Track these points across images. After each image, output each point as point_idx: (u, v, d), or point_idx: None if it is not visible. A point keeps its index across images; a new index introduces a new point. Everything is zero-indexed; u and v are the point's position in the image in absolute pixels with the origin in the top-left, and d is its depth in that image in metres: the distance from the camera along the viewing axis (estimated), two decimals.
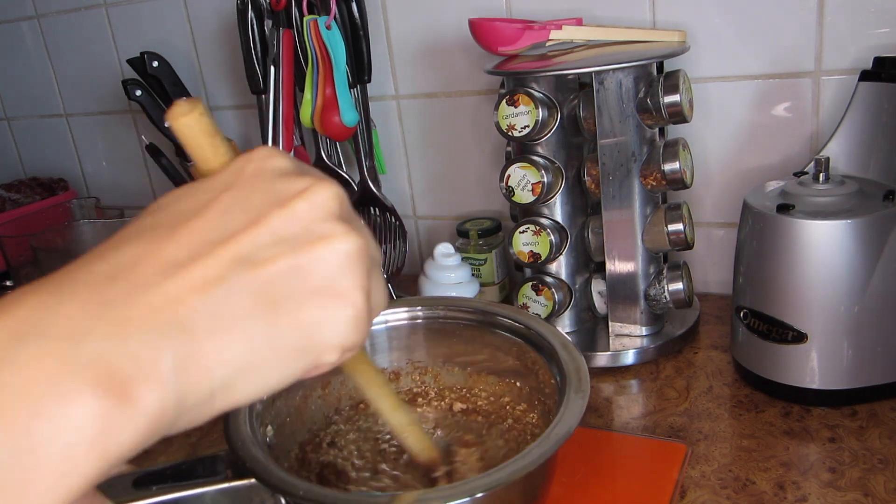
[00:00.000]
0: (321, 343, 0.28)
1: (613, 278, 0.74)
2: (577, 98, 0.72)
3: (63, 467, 0.22)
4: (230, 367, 0.26)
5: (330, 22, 0.83)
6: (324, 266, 0.28)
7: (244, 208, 0.28)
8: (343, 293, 0.28)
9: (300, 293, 0.28)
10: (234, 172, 0.30)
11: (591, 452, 0.61)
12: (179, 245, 0.27)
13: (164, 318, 0.25)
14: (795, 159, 0.80)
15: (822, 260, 0.59)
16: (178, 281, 0.26)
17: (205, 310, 0.26)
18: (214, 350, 0.26)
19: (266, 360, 0.27)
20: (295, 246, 0.28)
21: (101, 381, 0.23)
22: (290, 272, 0.27)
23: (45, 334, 0.23)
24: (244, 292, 0.27)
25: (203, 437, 0.70)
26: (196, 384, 0.25)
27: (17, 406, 0.22)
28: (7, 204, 1.15)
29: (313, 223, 0.28)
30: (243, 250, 0.27)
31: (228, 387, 0.26)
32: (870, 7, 0.72)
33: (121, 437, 0.23)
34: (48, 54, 1.22)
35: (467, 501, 0.41)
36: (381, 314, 0.63)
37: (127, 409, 0.23)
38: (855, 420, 0.61)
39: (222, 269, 0.26)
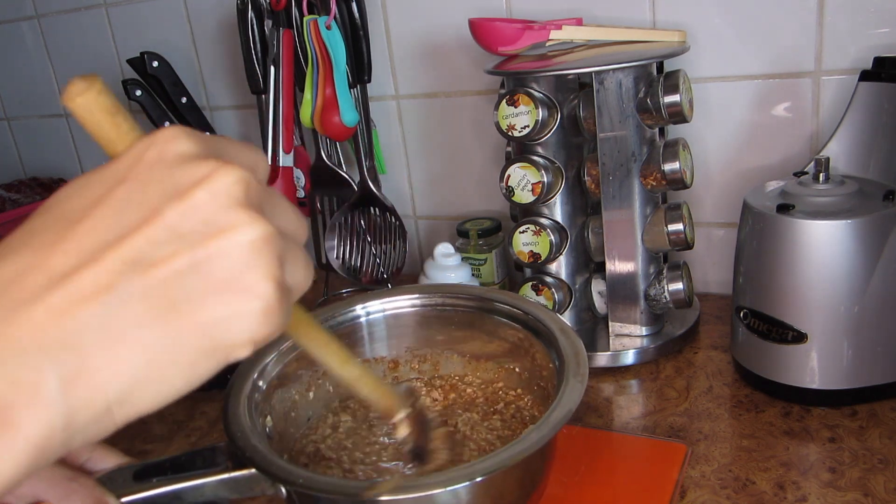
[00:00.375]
0: (228, 341, 0.27)
1: (613, 278, 0.74)
2: (577, 98, 0.72)
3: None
4: (125, 380, 0.25)
5: (330, 22, 0.83)
6: (226, 260, 0.26)
7: (139, 203, 0.26)
8: (249, 286, 0.26)
9: (199, 293, 0.26)
10: (132, 160, 0.27)
11: (591, 452, 0.61)
12: (66, 252, 0.25)
13: (47, 336, 0.24)
14: (795, 159, 0.80)
15: (822, 260, 0.59)
16: (64, 292, 0.24)
17: (93, 322, 0.24)
18: (105, 364, 0.24)
19: (166, 367, 0.26)
20: (193, 242, 0.26)
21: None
22: (188, 271, 0.26)
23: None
24: (136, 299, 0.25)
25: (203, 437, 0.70)
26: (88, 402, 0.24)
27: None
28: (7, 204, 1.15)
29: (214, 214, 0.26)
30: (135, 252, 0.25)
31: (126, 399, 0.25)
32: (870, 7, 0.72)
33: (4, 466, 0.22)
34: (48, 54, 1.22)
35: (467, 486, 0.41)
36: (380, 302, 0.64)
37: (7, 438, 0.22)
38: (855, 420, 0.61)
39: (112, 275, 0.25)
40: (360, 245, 0.94)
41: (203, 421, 0.73)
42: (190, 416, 0.74)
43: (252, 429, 0.49)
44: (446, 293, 0.64)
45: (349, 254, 0.94)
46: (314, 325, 0.45)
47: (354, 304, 0.64)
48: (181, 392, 0.27)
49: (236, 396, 0.52)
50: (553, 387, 0.52)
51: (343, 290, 1.00)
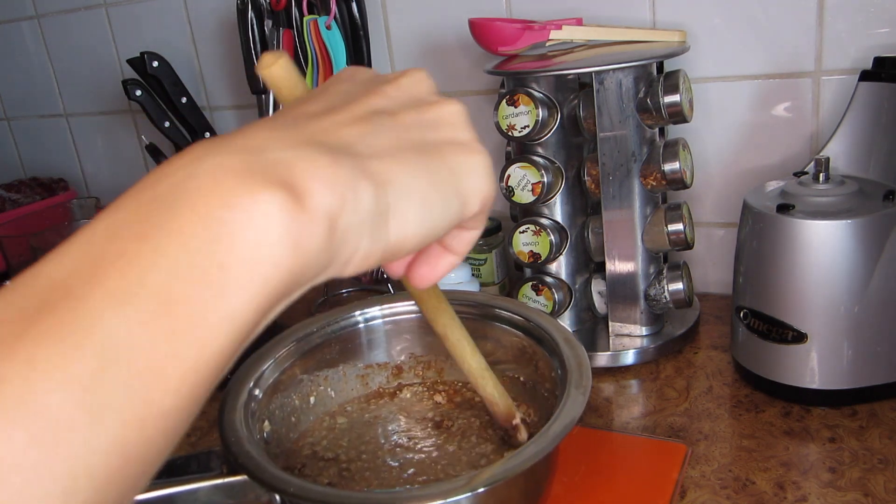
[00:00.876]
0: (467, 186, 0.30)
1: (613, 278, 0.74)
2: (577, 98, 0.72)
3: (258, 254, 0.23)
4: (398, 188, 0.27)
5: (330, 22, 0.83)
6: (446, 123, 0.31)
7: (357, 89, 0.30)
8: (470, 144, 0.31)
9: (436, 141, 0.29)
10: (333, 78, 0.32)
11: (591, 452, 0.61)
12: (318, 104, 0.29)
13: (329, 141, 0.26)
14: (795, 159, 0.80)
15: (822, 260, 0.59)
16: (330, 119, 0.27)
17: (361, 140, 0.27)
18: (381, 168, 0.26)
19: (427, 190, 0.28)
20: (416, 106, 0.30)
21: (284, 181, 0.23)
22: (421, 125, 0.30)
23: (222, 151, 0.24)
24: (389, 132, 0.28)
25: (203, 437, 0.70)
26: (370, 193, 0.26)
27: (210, 202, 0.22)
28: (7, 204, 1.15)
29: (420, 93, 0.32)
30: (374, 107, 0.29)
31: (399, 209, 0.27)
32: (870, 7, 0.72)
33: (305, 231, 0.24)
34: (48, 54, 1.22)
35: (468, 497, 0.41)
36: (381, 308, 0.64)
37: (308, 205, 0.24)
38: (855, 420, 0.61)
39: (363, 113, 0.28)
40: None
41: (203, 420, 0.73)
42: None
43: (248, 435, 0.48)
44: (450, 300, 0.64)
45: None
46: (451, 311, 0.48)
47: (353, 310, 0.63)
48: (437, 227, 0.29)
49: (233, 402, 0.52)
50: (555, 397, 0.52)
51: (343, 289, 1.00)
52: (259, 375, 0.56)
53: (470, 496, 0.41)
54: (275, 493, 0.44)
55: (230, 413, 0.51)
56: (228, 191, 0.23)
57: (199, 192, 0.23)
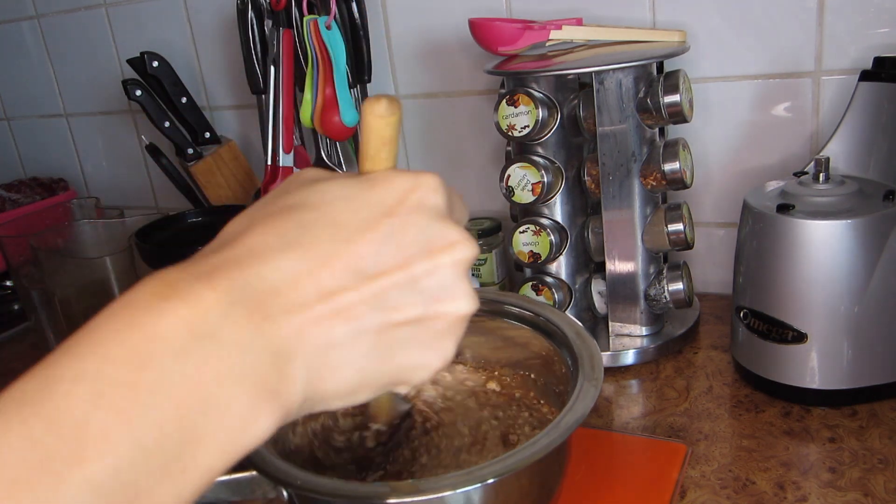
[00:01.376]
0: (408, 380, 0.32)
1: (613, 278, 0.74)
2: (577, 98, 0.72)
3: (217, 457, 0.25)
4: (338, 390, 0.29)
5: (330, 22, 0.83)
6: (441, 325, 0.31)
7: (398, 244, 0.30)
8: (444, 348, 0.31)
9: (412, 343, 0.30)
10: (398, 197, 0.31)
11: (591, 452, 0.61)
12: (334, 273, 0.29)
13: (308, 340, 0.28)
14: (795, 159, 0.80)
15: (822, 260, 0.59)
16: (326, 308, 0.28)
17: (338, 341, 0.28)
18: (331, 378, 0.29)
19: (363, 388, 0.30)
20: (427, 300, 0.30)
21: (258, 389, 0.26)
22: (413, 324, 0.30)
23: (217, 338, 0.26)
24: (370, 334, 0.29)
25: None
26: (311, 400, 0.29)
27: (191, 400, 0.25)
28: (7, 204, 1.15)
29: (449, 280, 0.30)
30: (385, 291, 0.29)
31: (329, 401, 0.30)
32: (870, 7, 0.72)
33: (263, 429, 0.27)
34: (48, 54, 1.22)
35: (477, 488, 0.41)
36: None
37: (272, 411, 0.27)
38: (855, 420, 0.61)
39: (363, 308, 0.29)
40: None
41: None
42: None
43: None
44: None
45: None
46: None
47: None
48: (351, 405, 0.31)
49: None
50: (567, 390, 0.51)
51: None
52: None
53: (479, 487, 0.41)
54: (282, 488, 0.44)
55: None
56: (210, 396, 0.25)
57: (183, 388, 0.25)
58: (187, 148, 0.99)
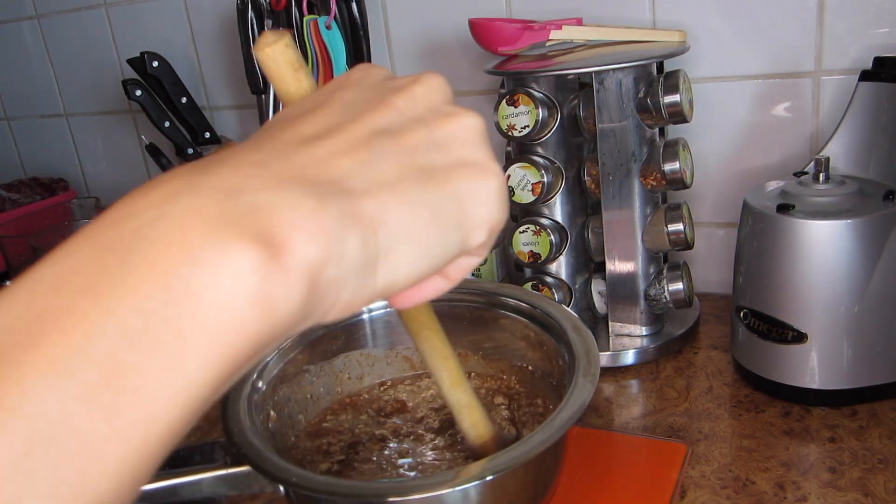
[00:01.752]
0: (473, 216, 0.27)
1: (613, 278, 0.74)
2: (577, 98, 0.72)
3: (222, 319, 0.20)
4: (392, 230, 0.24)
5: (330, 22, 0.83)
6: (458, 141, 0.28)
7: (363, 98, 0.28)
8: (483, 165, 0.28)
9: (444, 164, 0.27)
10: (340, 80, 0.29)
11: (591, 452, 0.61)
12: (315, 124, 0.26)
13: (319, 176, 0.24)
14: (795, 159, 0.80)
15: (822, 260, 0.59)
16: (324, 147, 0.25)
17: (357, 172, 0.25)
18: (375, 208, 0.24)
19: (426, 227, 0.26)
20: (426, 122, 0.28)
21: (261, 232, 0.21)
22: (430, 145, 0.27)
23: (198, 191, 0.22)
24: (391, 159, 0.26)
25: (203, 437, 0.70)
26: (361, 242, 0.23)
27: (173, 255, 0.20)
28: (7, 204, 1.15)
29: (434, 104, 0.29)
30: (378, 124, 0.27)
31: (391, 254, 0.25)
32: (870, 7, 0.72)
33: (280, 291, 0.21)
34: (48, 54, 1.22)
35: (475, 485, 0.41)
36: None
37: (286, 261, 0.21)
38: (855, 420, 0.61)
39: (364, 136, 0.26)
40: None
41: (203, 420, 0.73)
42: None
43: (251, 426, 0.49)
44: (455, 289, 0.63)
45: None
46: (440, 335, 0.44)
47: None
48: (432, 266, 0.27)
49: (236, 393, 0.52)
50: (563, 385, 0.52)
51: None
52: (263, 367, 0.56)
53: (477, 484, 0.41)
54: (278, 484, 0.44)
55: (233, 404, 0.51)
56: (196, 243, 0.20)
57: (162, 243, 0.20)
58: (187, 148, 1.00)
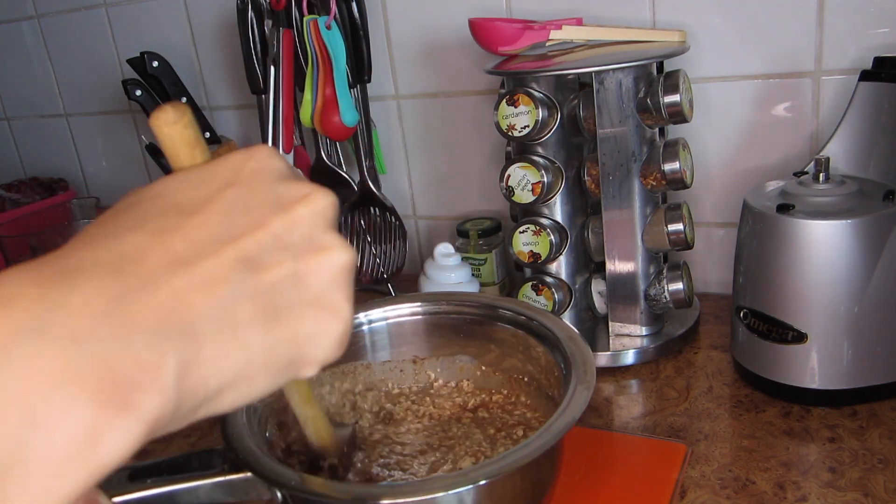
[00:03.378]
0: (308, 356, 0.28)
1: (613, 278, 0.74)
2: (577, 98, 0.72)
3: (51, 484, 0.21)
4: (225, 376, 0.25)
5: (330, 22, 0.83)
6: (321, 277, 0.28)
7: (247, 207, 0.27)
8: (337, 307, 0.28)
9: (298, 303, 0.27)
10: (234, 168, 0.29)
11: (591, 452, 0.61)
12: (185, 240, 0.26)
13: (170, 319, 0.24)
14: (795, 159, 0.80)
15: (822, 260, 0.59)
16: (185, 278, 0.25)
17: (209, 313, 0.25)
18: (213, 357, 0.25)
19: (257, 371, 0.26)
20: (296, 254, 0.27)
21: (103, 388, 0.21)
22: (291, 280, 0.27)
23: (45, 332, 0.21)
24: (246, 296, 0.26)
25: (202, 437, 0.70)
26: (193, 392, 0.24)
27: (10, 412, 0.20)
28: (7, 204, 1.15)
29: (313, 231, 0.28)
30: (247, 252, 0.26)
31: (218, 396, 0.25)
32: (870, 7, 0.72)
33: (115, 446, 0.22)
34: (48, 54, 1.22)
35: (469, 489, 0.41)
36: (384, 310, 0.64)
37: (126, 417, 0.22)
38: (855, 420, 0.61)
39: (227, 269, 0.26)
40: (360, 245, 0.94)
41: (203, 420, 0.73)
42: None
43: (249, 432, 0.48)
44: (451, 301, 0.63)
45: None
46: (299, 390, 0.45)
47: (357, 313, 0.63)
48: (253, 399, 0.27)
49: None
50: (559, 393, 0.52)
51: None
52: None
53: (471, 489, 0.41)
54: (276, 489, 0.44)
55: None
56: (35, 402, 0.20)
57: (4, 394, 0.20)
58: None
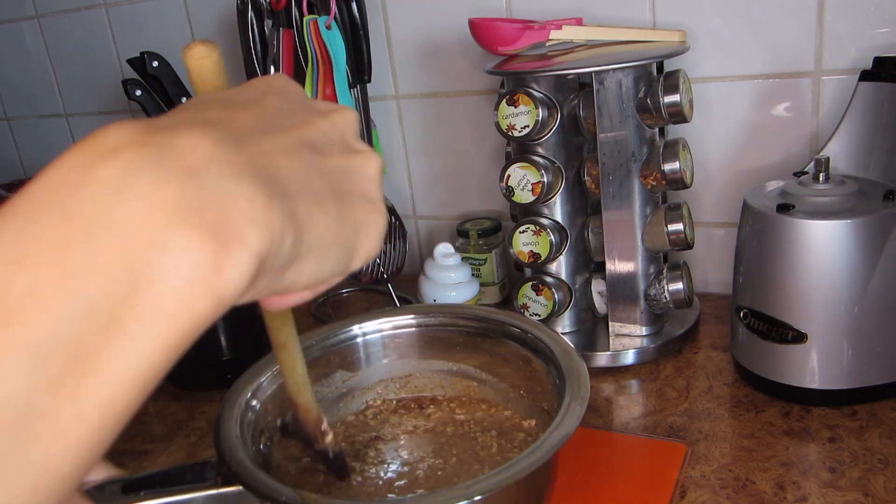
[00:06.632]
0: (361, 246, 0.29)
1: (613, 278, 0.74)
2: (577, 98, 0.72)
3: (180, 306, 0.21)
4: (311, 237, 0.26)
5: (330, 22, 0.83)
6: (364, 175, 0.30)
7: (290, 110, 0.29)
8: (377, 203, 0.30)
9: (352, 192, 0.29)
10: (265, 84, 0.31)
11: (591, 452, 0.61)
12: (254, 118, 0.27)
13: (267, 171, 0.25)
14: (795, 159, 0.80)
15: (822, 260, 0.59)
16: (267, 143, 0.26)
17: (294, 175, 0.26)
18: (304, 215, 0.25)
19: (331, 245, 0.27)
20: (342, 150, 0.30)
21: (221, 219, 0.22)
22: (344, 171, 0.29)
23: (161, 167, 0.22)
24: (318, 172, 0.27)
25: (203, 437, 0.70)
26: (291, 241, 0.25)
27: (139, 238, 0.20)
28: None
29: (348, 137, 0.31)
30: (308, 138, 0.28)
31: (303, 259, 0.26)
32: (870, 7, 0.72)
33: (235, 275, 0.22)
34: (48, 54, 1.22)
35: None
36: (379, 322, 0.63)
37: (241, 248, 0.22)
38: (855, 420, 0.61)
39: (297, 144, 0.27)
40: None
41: (203, 421, 0.73)
42: (190, 415, 0.74)
43: (242, 446, 0.48)
44: (447, 314, 0.63)
45: None
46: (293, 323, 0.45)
47: (351, 324, 0.63)
48: (322, 281, 0.28)
49: (229, 412, 0.52)
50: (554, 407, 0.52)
51: (343, 290, 1.00)
52: (257, 387, 0.55)
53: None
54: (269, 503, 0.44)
55: (226, 423, 0.51)
56: (159, 228, 0.21)
57: (128, 223, 0.21)
58: None
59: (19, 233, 0.20)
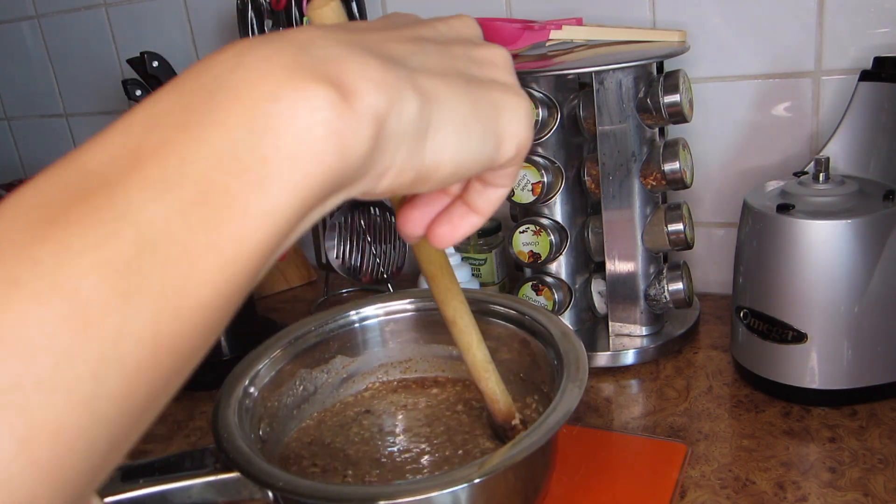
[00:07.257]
0: (506, 126, 0.29)
1: (613, 278, 0.74)
2: (577, 98, 0.72)
3: (301, 149, 0.22)
4: (442, 107, 0.26)
5: None
6: (492, 65, 0.30)
7: (403, 19, 0.30)
8: (514, 87, 0.30)
9: (481, 78, 0.29)
10: (377, 18, 0.31)
11: (591, 452, 0.61)
12: (369, 24, 0.28)
13: (381, 50, 0.26)
14: (795, 159, 0.80)
15: (822, 260, 0.59)
16: (380, 35, 0.27)
17: (412, 57, 0.27)
18: (429, 86, 0.26)
19: (468, 118, 0.27)
20: (464, 43, 0.30)
21: (333, 78, 0.23)
22: (469, 59, 0.29)
23: (271, 43, 0.23)
24: (438, 57, 0.28)
25: (203, 437, 0.71)
26: (415, 104, 0.25)
27: (254, 93, 0.22)
28: None
29: (470, 35, 0.31)
30: (424, 34, 0.29)
31: (440, 130, 0.26)
32: (870, 7, 0.72)
33: (351, 130, 0.23)
34: (48, 54, 1.22)
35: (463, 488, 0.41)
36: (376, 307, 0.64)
37: (355, 104, 0.23)
38: (855, 420, 0.61)
39: (413, 36, 0.28)
40: (360, 245, 0.94)
41: (203, 421, 0.73)
42: (190, 415, 0.74)
43: (241, 432, 0.49)
44: None
45: (349, 254, 0.94)
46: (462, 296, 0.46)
47: (349, 310, 0.63)
48: (469, 161, 0.28)
49: (227, 400, 0.52)
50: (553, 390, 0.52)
51: (343, 290, 1.00)
52: (255, 374, 0.56)
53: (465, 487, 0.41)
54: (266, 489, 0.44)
55: (224, 410, 0.51)
56: (275, 83, 0.22)
57: (244, 84, 0.22)
58: None
59: (148, 110, 0.22)
